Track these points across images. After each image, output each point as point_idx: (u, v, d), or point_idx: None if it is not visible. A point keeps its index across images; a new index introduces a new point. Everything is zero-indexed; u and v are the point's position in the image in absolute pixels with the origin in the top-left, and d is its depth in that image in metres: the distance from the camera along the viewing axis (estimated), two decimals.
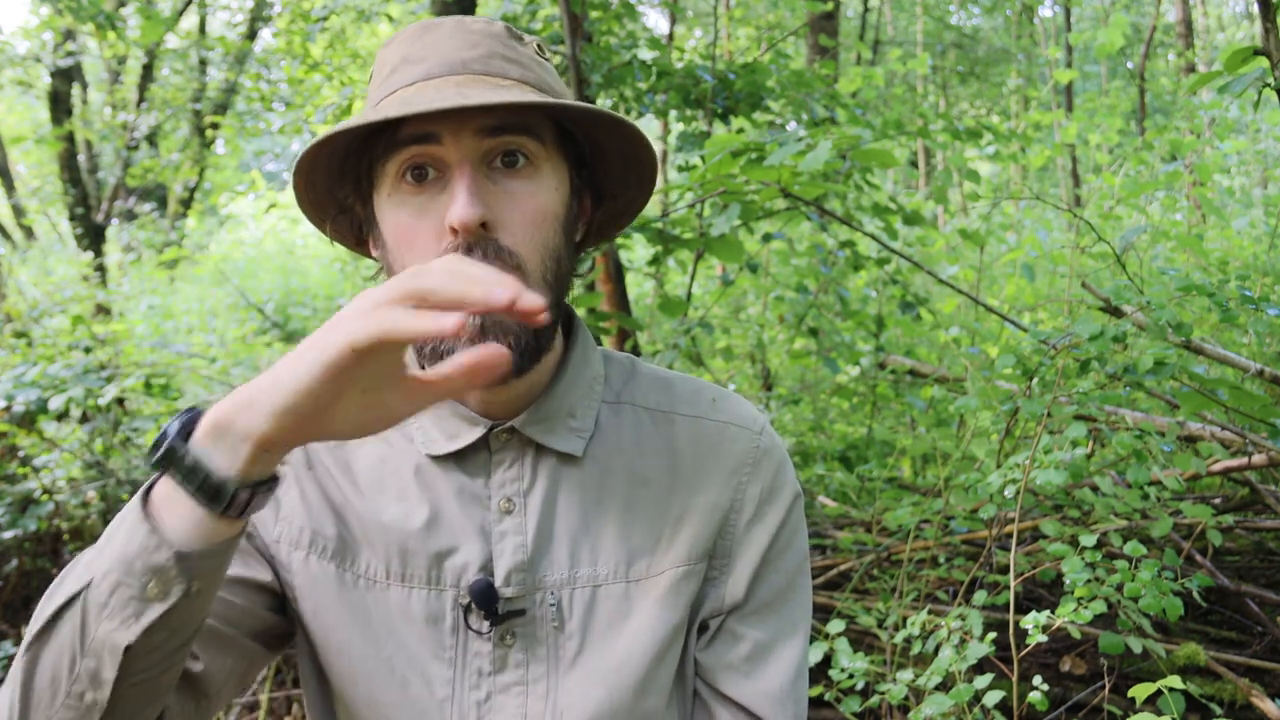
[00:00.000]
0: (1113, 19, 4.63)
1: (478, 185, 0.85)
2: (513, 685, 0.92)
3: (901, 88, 10.75)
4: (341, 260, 7.38)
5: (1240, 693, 2.02)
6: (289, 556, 0.96)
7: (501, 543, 0.93)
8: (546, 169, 0.89)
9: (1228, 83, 2.09)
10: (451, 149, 0.85)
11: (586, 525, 0.95)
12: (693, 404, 1.01)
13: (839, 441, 3.88)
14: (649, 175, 0.97)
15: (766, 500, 0.98)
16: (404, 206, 0.87)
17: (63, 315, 4.91)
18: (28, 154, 13.33)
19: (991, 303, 4.93)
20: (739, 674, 0.96)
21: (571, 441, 0.95)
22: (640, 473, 0.97)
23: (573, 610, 0.93)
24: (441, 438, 0.95)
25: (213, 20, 12.49)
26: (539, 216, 0.88)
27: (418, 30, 0.91)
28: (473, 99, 0.80)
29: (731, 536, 0.97)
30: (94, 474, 3.59)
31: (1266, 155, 7.85)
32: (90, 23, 4.74)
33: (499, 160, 0.87)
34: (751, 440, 0.99)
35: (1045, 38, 14.15)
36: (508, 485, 0.95)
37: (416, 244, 0.87)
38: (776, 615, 0.98)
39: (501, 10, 3.84)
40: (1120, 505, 2.05)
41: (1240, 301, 2.06)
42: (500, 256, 0.85)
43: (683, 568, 0.95)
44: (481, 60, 0.89)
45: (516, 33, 0.94)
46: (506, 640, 0.93)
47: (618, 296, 3.58)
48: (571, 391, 0.97)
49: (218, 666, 0.89)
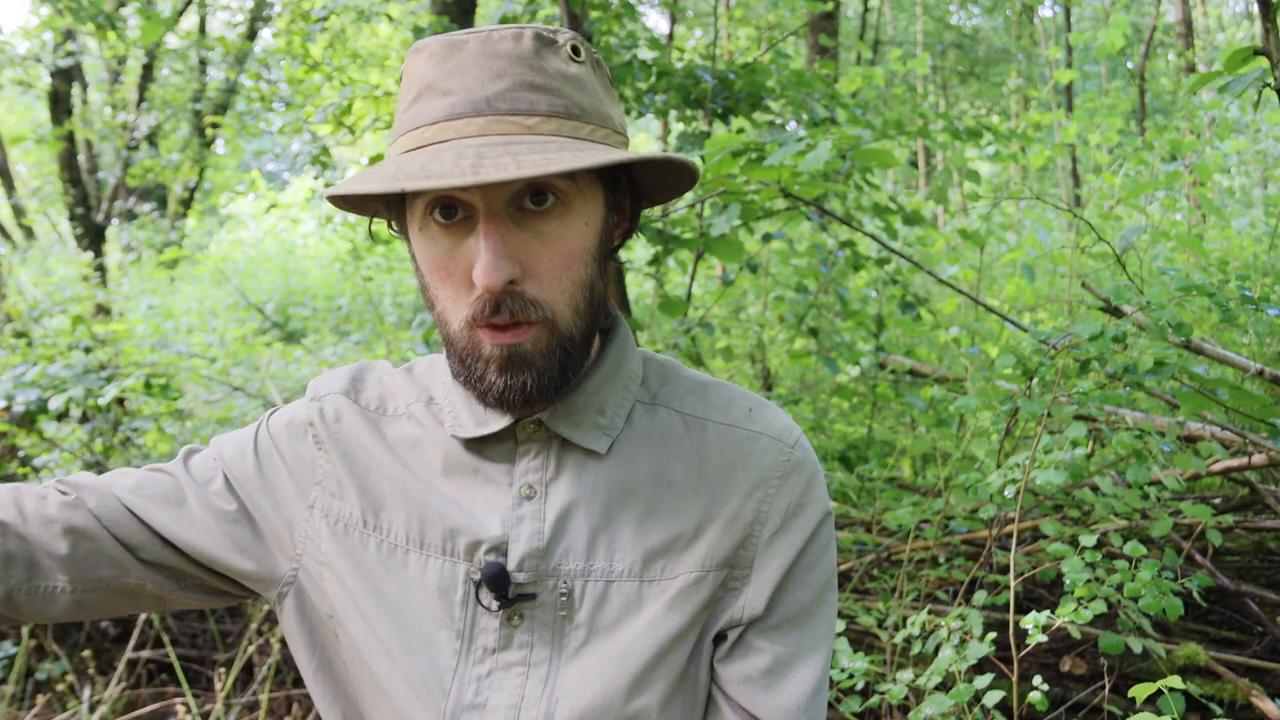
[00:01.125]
0: (1113, 19, 4.63)
1: (503, 241, 0.85)
2: (514, 665, 0.94)
3: (901, 88, 10.75)
4: (342, 260, 7.38)
5: (1240, 693, 2.02)
6: (320, 529, 0.99)
7: (518, 527, 0.94)
8: (577, 204, 0.89)
9: (1228, 83, 2.09)
10: (477, 196, 0.85)
11: (607, 520, 0.95)
12: (727, 412, 1.00)
13: (839, 441, 3.88)
14: (689, 179, 0.97)
15: (793, 515, 0.97)
16: (435, 245, 0.88)
17: (63, 315, 4.91)
18: (28, 154, 13.33)
19: (991, 303, 4.93)
20: (756, 687, 0.96)
21: (597, 438, 0.96)
22: (667, 475, 0.97)
23: (583, 601, 0.94)
24: (470, 422, 0.97)
25: (213, 20, 12.49)
26: (568, 258, 0.88)
27: (444, 50, 0.89)
28: (490, 174, 0.78)
29: (754, 548, 0.97)
30: (93, 474, 3.58)
31: (1266, 155, 7.85)
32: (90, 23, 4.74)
33: (528, 200, 0.86)
34: (783, 453, 0.99)
35: (1045, 38, 14.15)
36: (531, 473, 0.96)
37: (449, 283, 0.88)
38: (799, 631, 0.98)
39: (501, 10, 3.83)
40: (1120, 505, 2.05)
41: (1240, 301, 2.07)
42: (527, 311, 0.86)
43: (697, 573, 0.95)
44: (507, 96, 0.86)
45: (548, 38, 0.90)
46: (514, 620, 0.94)
47: (618, 296, 3.58)
48: (604, 389, 0.97)
49: (84, 562, 0.96)
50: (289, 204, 11.67)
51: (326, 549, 0.98)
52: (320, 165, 5.01)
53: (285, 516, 1.00)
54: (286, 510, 1.00)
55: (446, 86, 0.88)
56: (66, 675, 3.12)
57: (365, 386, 1.05)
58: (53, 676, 3.11)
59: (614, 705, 0.92)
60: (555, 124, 0.87)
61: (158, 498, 1.00)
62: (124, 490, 1.00)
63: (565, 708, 0.92)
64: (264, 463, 1.02)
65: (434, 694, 0.93)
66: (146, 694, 3.10)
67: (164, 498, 1.00)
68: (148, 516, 0.99)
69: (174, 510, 0.99)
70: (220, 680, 2.74)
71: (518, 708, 0.93)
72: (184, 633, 3.39)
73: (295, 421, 1.03)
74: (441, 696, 0.93)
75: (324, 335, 7.86)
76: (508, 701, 0.93)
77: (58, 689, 3.10)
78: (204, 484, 1.01)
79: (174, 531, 0.99)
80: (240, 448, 1.03)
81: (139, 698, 3.08)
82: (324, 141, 6.58)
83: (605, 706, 0.92)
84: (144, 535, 0.99)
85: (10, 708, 2.97)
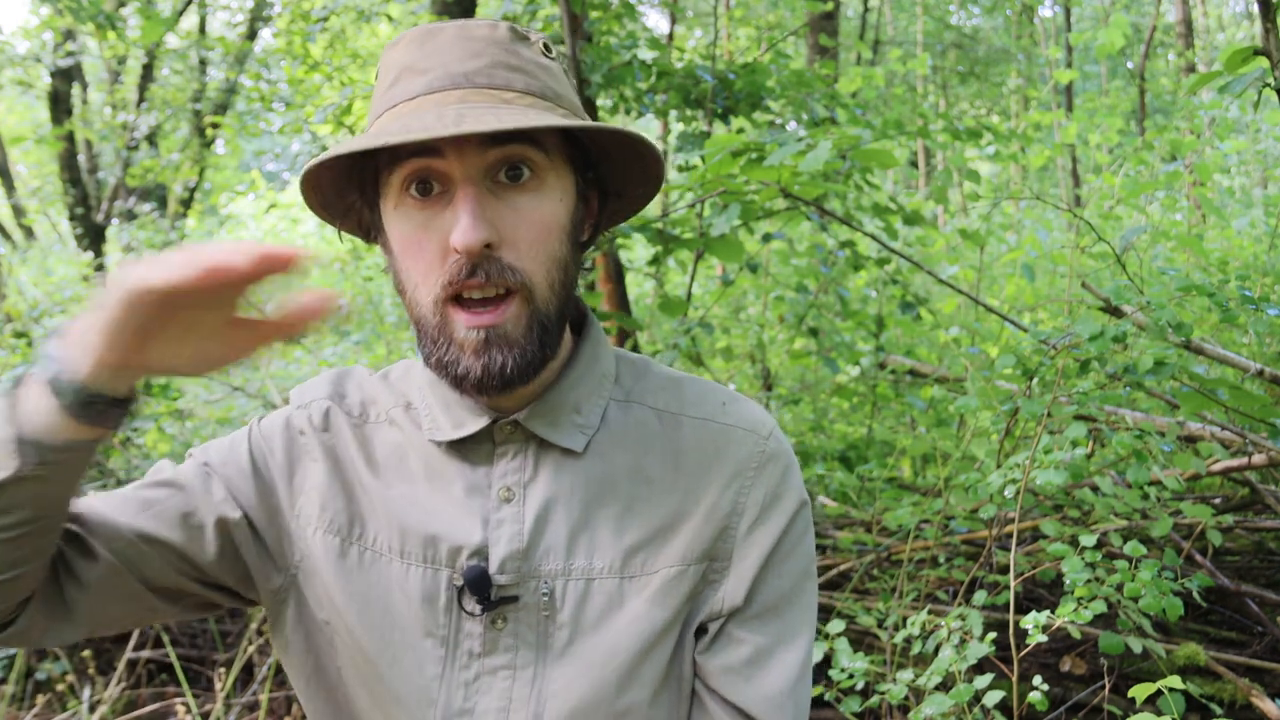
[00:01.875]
0: (1113, 19, 4.63)
1: (481, 205, 0.85)
2: (500, 669, 0.94)
3: (901, 88, 10.75)
4: (341, 260, 7.39)
5: (1240, 693, 2.02)
6: (310, 537, 0.98)
7: (498, 530, 0.94)
8: (551, 179, 0.90)
9: (1228, 83, 2.09)
10: (455, 164, 0.85)
11: (585, 519, 0.95)
12: (701, 406, 1.01)
13: (839, 441, 3.88)
14: (655, 173, 0.97)
15: (770, 505, 0.98)
16: (409, 220, 0.88)
17: (63, 315, 4.91)
18: (28, 154, 13.33)
19: (991, 303, 4.93)
20: (738, 677, 0.96)
21: (574, 437, 0.96)
22: (644, 471, 0.97)
23: (565, 601, 0.94)
24: (448, 425, 0.97)
25: (213, 20, 12.48)
26: (544, 231, 0.88)
27: (421, 36, 0.91)
28: (472, 125, 0.80)
29: (732, 540, 0.97)
30: (94, 474, 3.59)
31: (1266, 155, 7.85)
32: (90, 23, 4.74)
33: (503, 174, 0.87)
34: (757, 444, 0.99)
35: (1045, 38, 14.14)
36: (509, 475, 0.96)
37: (421, 258, 0.88)
38: (778, 620, 0.98)
39: (502, 10, 3.83)
40: (1120, 505, 2.05)
41: (1240, 301, 2.07)
42: (504, 275, 0.86)
43: (677, 567, 0.95)
44: (485, 72, 0.88)
45: (522, 33, 0.93)
46: (498, 624, 0.94)
47: (618, 296, 3.58)
48: (578, 387, 0.98)
49: (98, 602, 0.93)
50: (289, 204, 11.67)
51: (317, 557, 0.98)
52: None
53: (281, 524, 1.00)
54: (281, 518, 1.00)
55: (424, 65, 0.89)
56: (66, 675, 3.12)
57: (347, 393, 1.04)
58: (53, 676, 3.11)
59: (603, 702, 0.92)
60: (531, 100, 0.89)
61: (169, 519, 0.96)
62: (134, 516, 0.95)
63: (554, 708, 0.92)
64: (259, 471, 1.00)
65: (421, 702, 0.93)
66: (146, 694, 3.10)
67: (175, 519, 0.96)
68: (161, 539, 0.95)
69: (185, 529, 0.96)
70: (220, 680, 2.74)
71: (506, 711, 0.93)
72: (184, 633, 3.39)
73: (287, 427, 1.02)
74: (429, 705, 0.93)
75: (324, 335, 7.85)
76: (496, 705, 0.93)
77: (58, 689, 3.09)
78: (206, 494, 0.98)
79: (189, 551, 0.96)
80: (233, 455, 1.01)
81: (139, 698, 3.08)
82: (324, 141, 6.58)
83: (595, 704, 0.92)
84: (157, 564, 0.95)
85: (10, 708, 2.97)
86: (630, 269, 4.48)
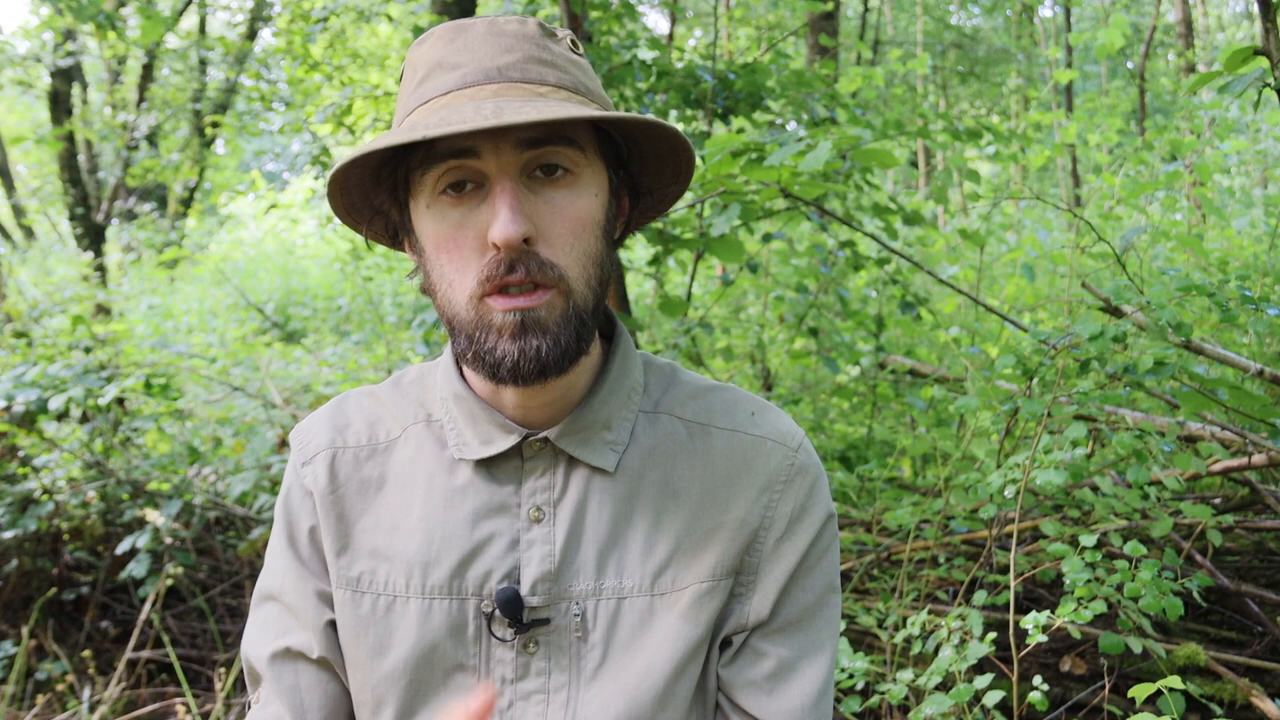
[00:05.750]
0: (1113, 19, 4.63)
1: (519, 200, 0.84)
2: (534, 693, 0.93)
3: (901, 88, 10.74)
4: (342, 260, 7.38)
5: (1240, 693, 2.02)
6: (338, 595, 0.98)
7: (529, 551, 0.93)
8: (586, 175, 0.89)
9: (1228, 83, 2.08)
10: (491, 162, 0.85)
11: (615, 537, 0.94)
12: (730, 416, 1.00)
13: (839, 441, 3.88)
14: (686, 170, 0.97)
15: (798, 518, 0.97)
16: (444, 219, 0.87)
17: (63, 315, 4.91)
18: (28, 154, 13.33)
19: (991, 303, 4.93)
20: (761, 691, 0.95)
21: (605, 456, 0.95)
22: (672, 485, 0.96)
23: (597, 621, 0.93)
24: (475, 442, 0.95)
25: (213, 20, 12.49)
26: (580, 226, 0.88)
27: (450, 32, 0.90)
28: (511, 117, 0.79)
29: (759, 553, 0.96)
30: (94, 474, 3.59)
31: (1266, 155, 7.85)
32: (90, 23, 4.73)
33: (538, 171, 0.87)
34: (787, 457, 0.98)
35: (1045, 38, 14.14)
36: (538, 494, 0.94)
37: (458, 254, 0.87)
38: (802, 634, 0.97)
39: (501, 10, 3.84)
40: (1120, 505, 2.05)
41: (1240, 301, 2.06)
42: (542, 271, 0.85)
43: (707, 583, 0.94)
44: (518, 66, 0.88)
45: (550, 29, 0.92)
46: (530, 648, 0.93)
47: (618, 296, 3.58)
48: (609, 402, 0.96)
49: None
50: (289, 204, 11.66)
51: (340, 616, 0.98)
52: (320, 165, 5.01)
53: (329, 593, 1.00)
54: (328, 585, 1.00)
55: (456, 61, 0.88)
56: (66, 675, 3.12)
57: (350, 424, 1.01)
58: (53, 676, 3.11)
59: None
60: (565, 95, 0.88)
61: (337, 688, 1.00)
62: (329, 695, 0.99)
63: None
64: (306, 564, 1.00)
65: None
66: (146, 694, 3.10)
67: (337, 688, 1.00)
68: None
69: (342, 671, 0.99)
70: (220, 680, 2.74)
71: None
72: (184, 633, 3.39)
73: (304, 495, 1.00)
74: None
75: (324, 335, 7.85)
76: None
77: (58, 689, 3.09)
78: (324, 627, 0.99)
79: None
80: (292, 569, 1.00)
81: (139, 698, 3.08)
82: (324, 141, 6.59)
83: None
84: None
85: (10, 708, 2.97)
86: (630, 269, 4.48)
